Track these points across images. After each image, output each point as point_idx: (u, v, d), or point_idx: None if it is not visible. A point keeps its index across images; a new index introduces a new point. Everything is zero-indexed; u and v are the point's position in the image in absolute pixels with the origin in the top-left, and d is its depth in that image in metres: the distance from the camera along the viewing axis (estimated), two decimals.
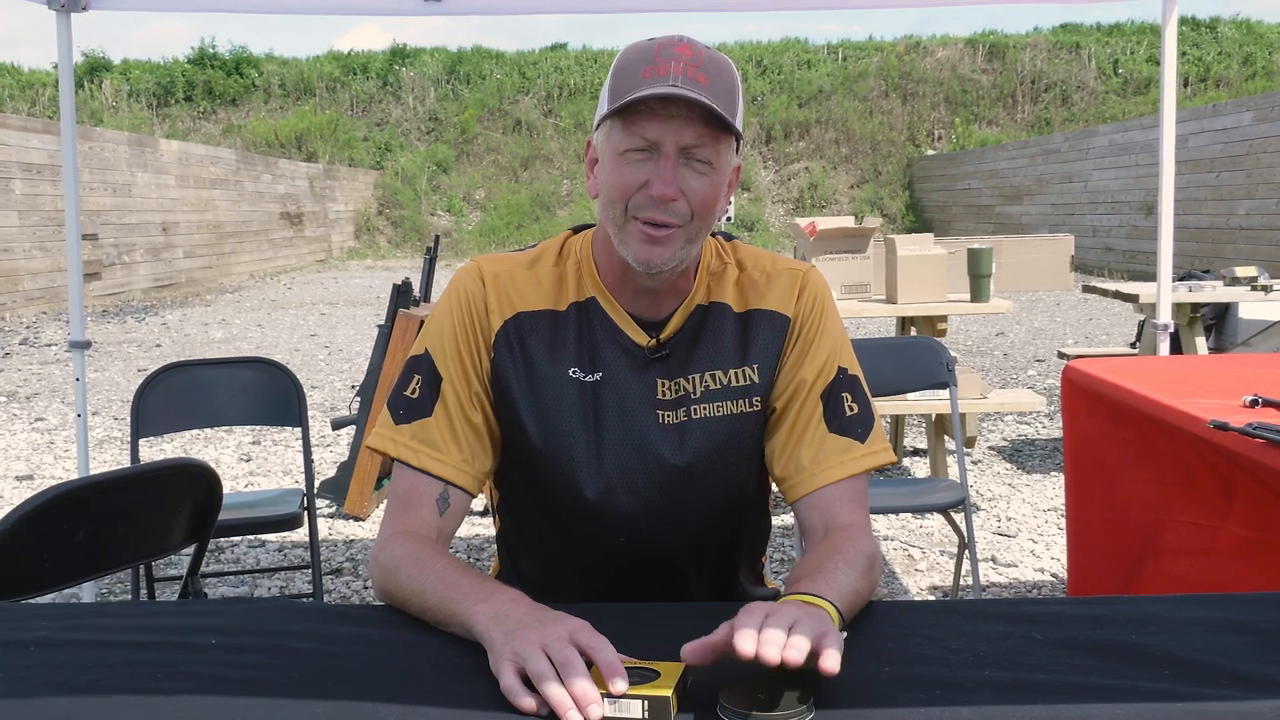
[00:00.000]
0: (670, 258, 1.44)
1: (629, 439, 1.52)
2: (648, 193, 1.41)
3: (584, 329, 1.54)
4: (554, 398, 1.52)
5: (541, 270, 1.57)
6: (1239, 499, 2.20)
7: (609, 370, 1.52)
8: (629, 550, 1.56)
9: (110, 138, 16.12)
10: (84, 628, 1.28)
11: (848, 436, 1.53)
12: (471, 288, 1.54)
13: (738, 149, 1.49)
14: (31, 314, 13.37)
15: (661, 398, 1.52)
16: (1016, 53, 30.35)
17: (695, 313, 1.55)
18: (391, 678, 1.14)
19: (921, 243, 5.03)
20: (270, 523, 3.24)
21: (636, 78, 1.39)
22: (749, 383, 1.54)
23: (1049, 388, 7.78)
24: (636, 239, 1.43)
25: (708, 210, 1.44)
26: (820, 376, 1.55)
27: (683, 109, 1.38)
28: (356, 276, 20.71)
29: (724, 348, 1.55)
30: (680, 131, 1.39)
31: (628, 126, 1.41)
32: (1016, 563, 4.11)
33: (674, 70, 1.38)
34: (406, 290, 4.97)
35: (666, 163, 1.40)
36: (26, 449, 6.39)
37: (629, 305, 1.54)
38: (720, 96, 1.39)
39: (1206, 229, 15.02)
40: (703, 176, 1.42)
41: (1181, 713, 1.04)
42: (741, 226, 26.40)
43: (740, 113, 1.44)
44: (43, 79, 30.82)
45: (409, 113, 30.63)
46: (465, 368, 1.52)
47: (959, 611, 1.38)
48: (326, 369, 9.34)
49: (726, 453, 1.55)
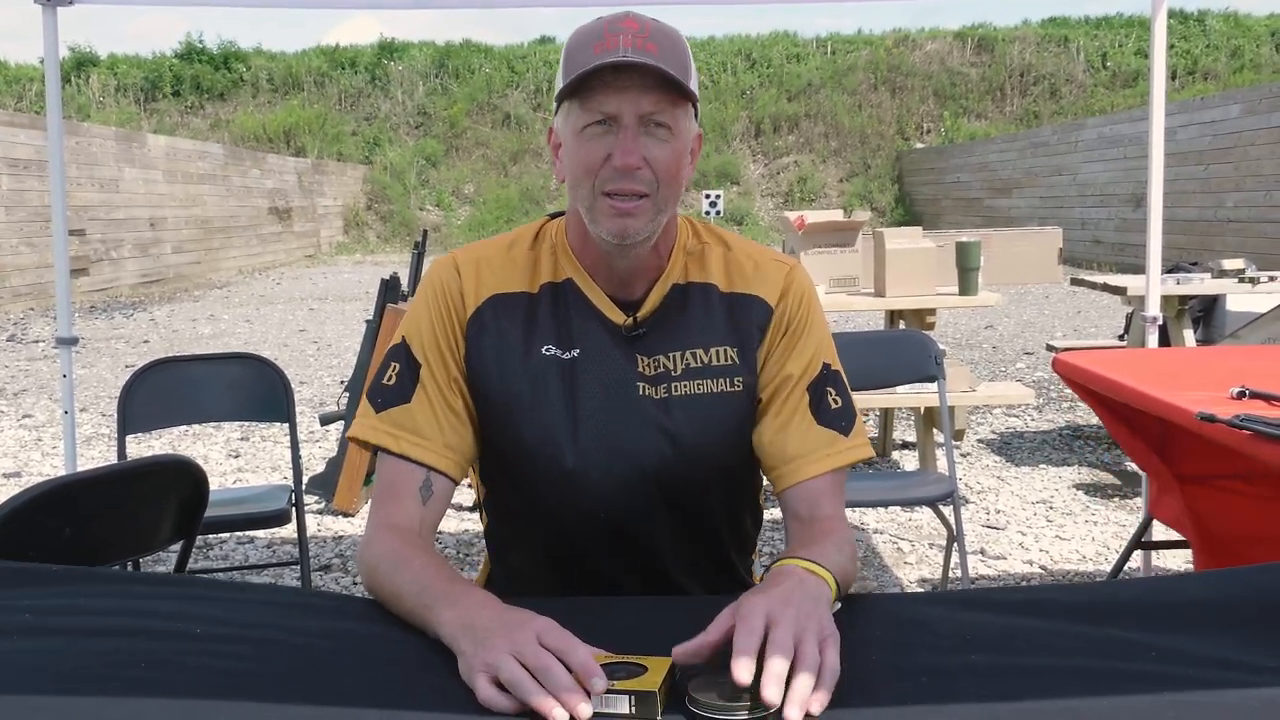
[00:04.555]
0: (643, 228, 1.45)
1: (609, 412, 1.52)
2: (612, 165, 1.42)
3: (560, 308, 1.55)
4: (532, 376, 1.52)
5: (518, 253, 1.58)
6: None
7: (586, 347, 1.53)
8: (612, 530, 1.55)
9: (97, 133, 16.05)
10: (68, 610, 1.27)
11: (833, 430, 1.55)
12: (446, 276, 1.56)
13: (696, 116, 1.50)
14: (19, 310, 13.31)
15: (643, 372, 1.53)
16: (1005, 46, 30.39)
17: (673, 292, 1.56)
18: (377, 675, 1.14)
19: (910, 236, 5.04)
20: (258, 519, 3.24)
21: (588, 55, 1.40)
22: (730, 363, 1.55)
23: (1038, 380, 7.80)
24: (606, 214, 1.44)
25: (672, 177, 1.46)
26: (807, 371, 1.56)
27: (637, 78, 1.40)
28: (345, 271, 20.67)
29: (705, 327, 1.55)
30: (637, 100, 1.41)
31: (584, 103, 1.42)
32: (1005, 555, 4.12)
33: (624, 42, 1.39)
34: (395, 285, 4.96)
35: (627, 133, 1.41)
36: (14, 446, 6.36)
37: (604, 286, 1.55)
38: (673, 63, 1.40)
39: (1194, 221, 15.06)
40: (664, 143, 1.44)
41: (1166, 704, 1.04)
42: (731, 220, 26.40)
43: (694, 80, 1.45)
44: (29, 74, 30.68)
45: (397, 107, 30.56)
46: (443, 353, 1.53)
47: (946, 600, 1.38)
48: (315, 364, 9.32)
49: (708, 430, 1.54)
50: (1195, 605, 1.28)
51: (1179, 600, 1.30)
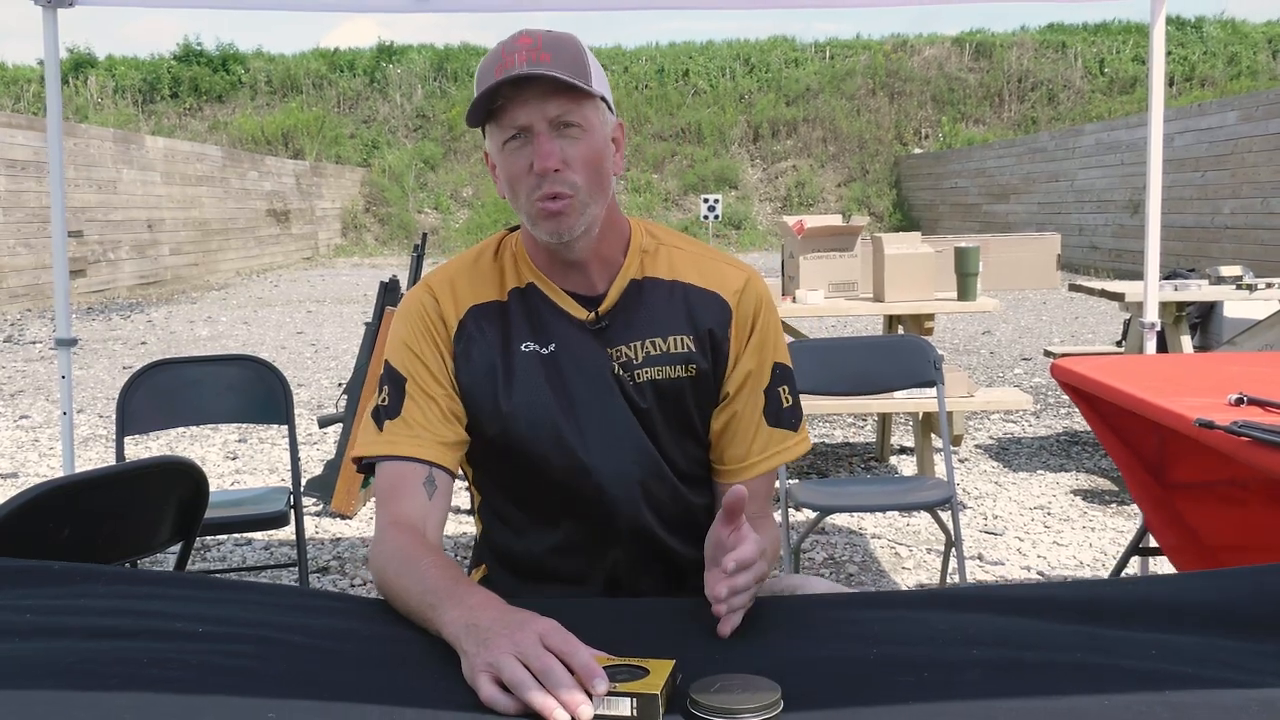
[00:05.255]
0: (576, 223, 1.54)
1: (594, 398, 1.62)
2: (534, 172, 1.51)
3: (530, 311, 1.64)
4: (517, 372, 1.62)
5: (484, 264, 1.68)
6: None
7: (560, 341, 1.63)
8: (604, 512, 1.63)
9: (95, 134, 16.04)
10: (71, 609, 1.27)
11: (784, 428, 1.69)
12: (423, 299, 1.66)
13: (611, 109, 1.59)
14: (15, 311, 13.30)
15: (613, 359, 1.62)
16: (1003, 52, 30.45)
17: (631, 287, 1.65)
18: (380, 674, 1.14)
19: (908, 241, 5.04)
20: (257, 521, 3.23)
21: (490, 78, 1.50)
22: (686, 350, 1.64)
23: (1035, 386, 7.81)
24: (541, 217, 1.54)
25: (594, 169, 1.55)
26: (766, 373, 1.68)
27: (537, 88, 1.49)
28: (343, 274, 20.67)
29: (659, 317, 1.65)
30: (541, 107, 1.50)
31: (499, 122, 1.53)
32: (1003, 560, 4.12)
33: (518, 59, 1.49)
34: (394, 288, 4.96)
35: (540, 139, 1.50)
36: (10, 446, 6.35)
37: (564, 284, 1.64)
38: (567, 66, 1.50)
39: (1192, 228, 15.08)
40: (578, 141, 1.52)
41: (1165, 702, 1.04)
42: (729, 224, 26.44)
43: (594, 75, 1.54)
44: (27, 75, 30.68)
45: (396, 110, 30.57)
46: (426, 365, 1.61)
47: (947, 596, 1.39)
48: (313, 367, 9.32)
49: (674, 413, 1.65)
50: (1197, 604, 1.29)
51: (1181, 599, 1.31)
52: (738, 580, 1.28)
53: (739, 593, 1.28)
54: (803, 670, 1.13)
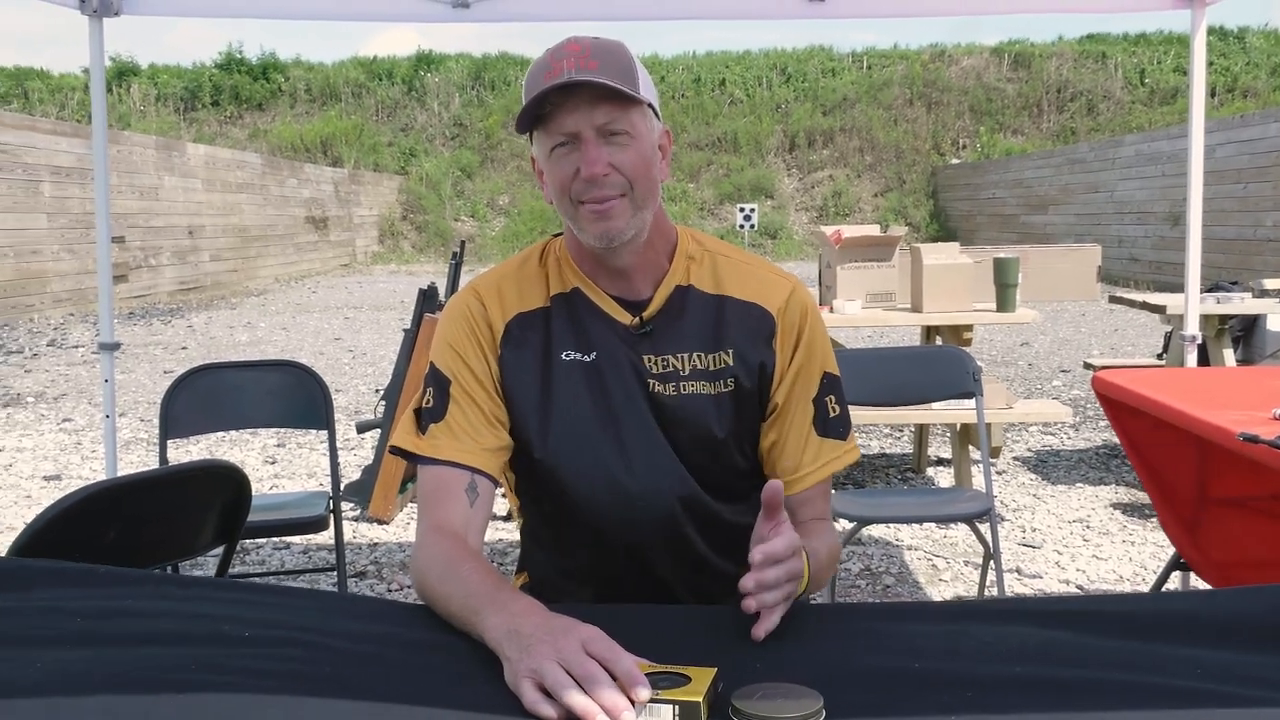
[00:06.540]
0: (625, 226, 1.55)
1: (629, 408, 1.61)
2: (582, 178, 1.53)
3: (573, 316, 1.65)
4: (558, 380, 1.62)
5: (529, 270, 1.69)
6: None
7: (601, 349, 1.62)
8: (640, 521, 1.62)
9: (138, 141, 16.25)
10: (118, 612, 1.29)
11: (833, 438, 1.69)
12: (470, 303, 1.66)
13: (658, 116, 1.61)
14: (59, 315, 13.48)
15: (651, 371, 1.62)
16: (1042, 62, 30.25)
17: (676, 293, 1.65)
18: (422, 677, 1.15)
19: (947, 251, 5.02)
20: (296, 525, 3.27)
21: (539, 84, 1.51)
22: (723, 366, 1.63)
23: (1074, 398, 7.74)
24: (588, 220, 1.55)
25: (642, 175, 1.55)
26: (814, 383, 1.68)
27: (585, 95, 1.50)
28: (380, 281, 20.80)
29: (702, 331, 1.64)
30: (590, 114, 1.51)
31: (547, 129, 1.54)
32: (1041, 574, 4.09)
33: (567, 66, 1.49)
34: (433, 295, 4.99)
35: (588, 146, 1.52)
36: (54, 449, 6.44)
37: (609, 288, 1.65)
38: (615, 74, 1.50)
39: (1233, 240, 14.91)
40: (626, 148, 1.54)
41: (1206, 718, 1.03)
42: (764, 233, 26.39)
43: (642, 83, 1.55)
44: (71, 83, 31.10)
45: (434, 118, 30.76)
46: (471, 369, 1.62)
47: (989, 609, 1.38)
48: (351, 373, 9.38)
49: (714, 429, 1.63)
50: (1242, 621, 1.27)
51: (1226, 616, 1.29)
52: (766, 575, 1.27)
53: (768, 588, 1.27)
54: (845, 681, 1.13)
